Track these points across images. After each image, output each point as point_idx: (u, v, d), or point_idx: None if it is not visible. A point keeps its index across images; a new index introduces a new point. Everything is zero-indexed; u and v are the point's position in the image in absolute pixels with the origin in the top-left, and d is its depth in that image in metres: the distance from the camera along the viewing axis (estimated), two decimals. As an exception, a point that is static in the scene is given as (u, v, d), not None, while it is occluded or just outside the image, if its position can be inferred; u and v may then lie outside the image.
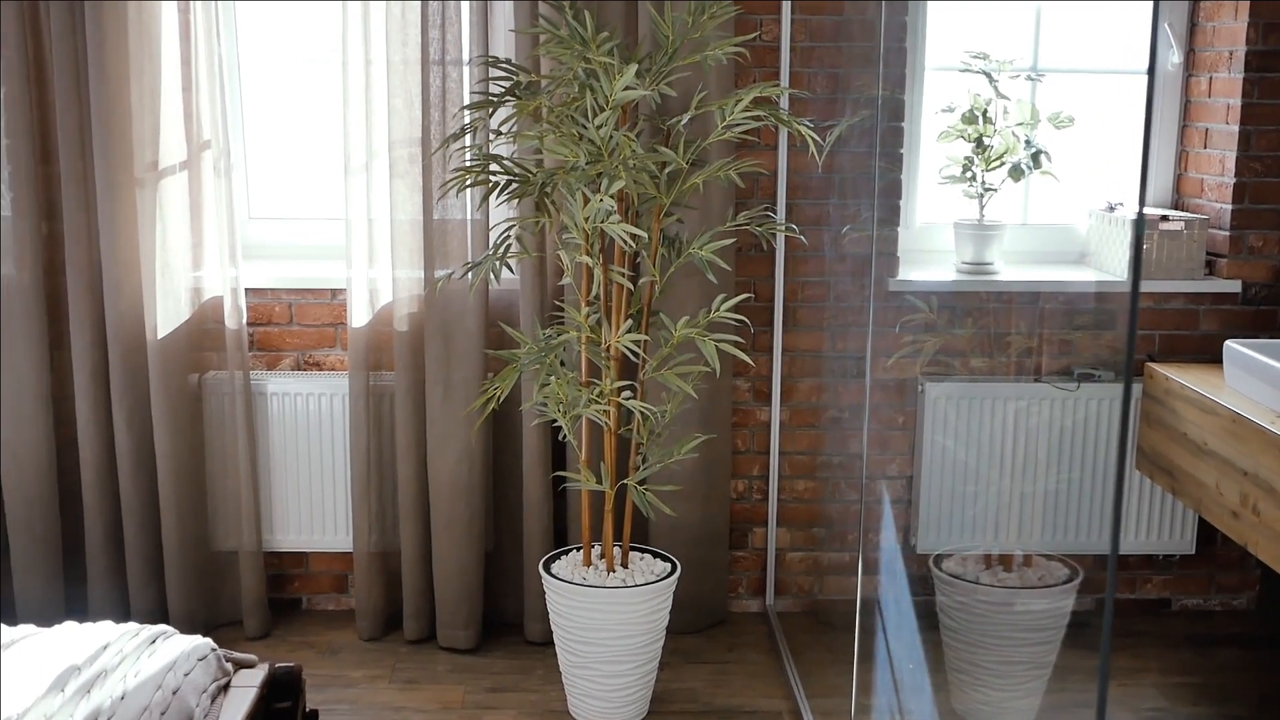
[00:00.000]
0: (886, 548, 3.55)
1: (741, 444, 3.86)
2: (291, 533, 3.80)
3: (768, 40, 3.62)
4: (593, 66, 2.99)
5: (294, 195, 3.87)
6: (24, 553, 3.65)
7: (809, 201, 3.71)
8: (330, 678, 3.53)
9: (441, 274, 3.50)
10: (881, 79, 3.01)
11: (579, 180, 2.97)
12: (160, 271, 3.53)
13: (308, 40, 3.76)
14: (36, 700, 2.23)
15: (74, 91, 3.45)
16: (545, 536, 3.65)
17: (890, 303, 3.53)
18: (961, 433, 3.67)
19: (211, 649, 2.63)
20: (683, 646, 3.69)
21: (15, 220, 3.52)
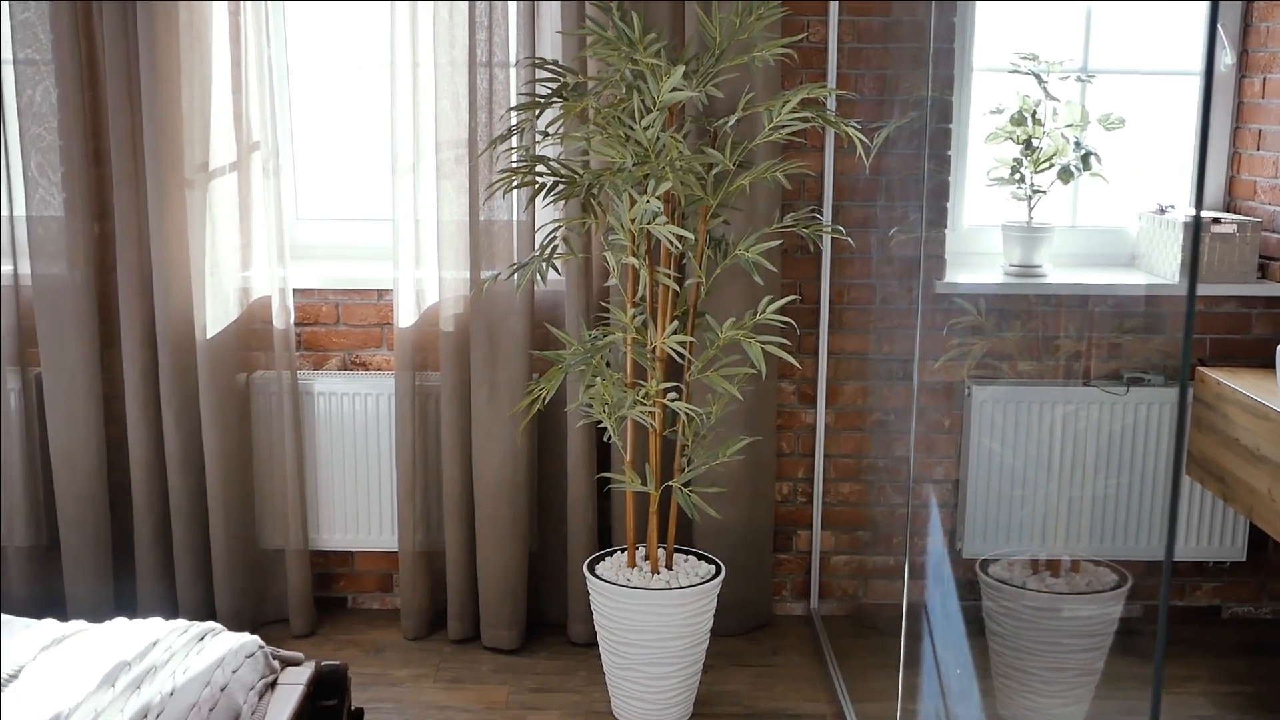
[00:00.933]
0: (932, 552, 3.52)
1: (786, 446, 3.84)
2: (337, 531, 3.83)
3: (815, 41, 3.60)
4: (640, 68, 2.99)
5: (341, 196, 3.90)
6: (75, 549, 3.69)
7: (855, 203, 3.70)
8: (375, 676, 3.55)
9: (488, 275, 3.51)
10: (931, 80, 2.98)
11: (626, 181, 2.97)
12: (209, 272, 3.56)
13: (356, 42, 3.78)
14: (87, 695, 2.25)
15: (126, 94, 3.49)
16: (589, 537, 3.65)
17: (937, 305, 3.50)
18: (1009, 436, 3.64)
19: (259, 646, 2.65)
20: (726, 649, 3.68)
21: (68, 220, 3.56)
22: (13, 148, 3.54)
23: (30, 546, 3.73)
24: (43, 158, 3.54)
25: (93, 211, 3.60)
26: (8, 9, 3.46)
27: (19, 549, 3.72)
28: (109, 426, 3.71)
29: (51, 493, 3.71)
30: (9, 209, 3.57)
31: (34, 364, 3.68)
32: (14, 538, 3.71)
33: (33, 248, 3.57)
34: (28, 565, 3.74)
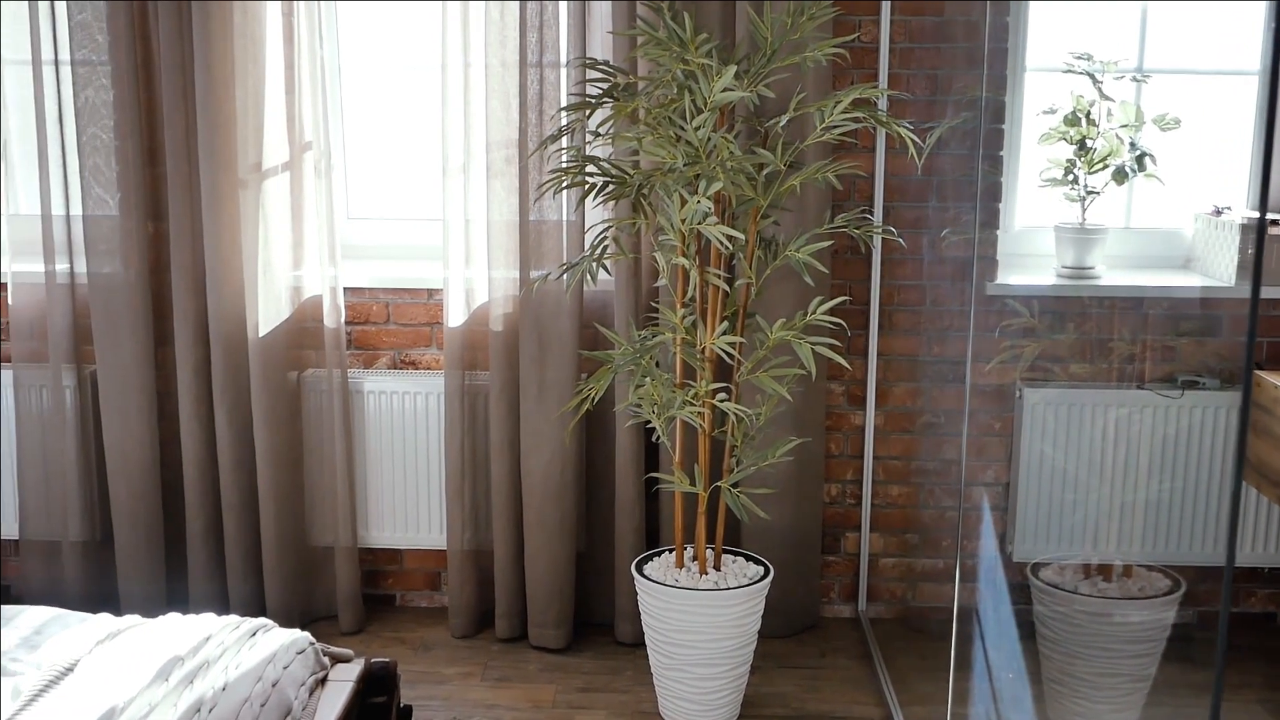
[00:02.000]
0: (983, 555, 3.50)
1: (835, 448, 3.83)
2: (386, 529, 3.85)
3: (866, 41, 3.59)
4: (691, 68, 2.99)
5: (392, 196, 3.92)
6: (128, 545, 3.73)
7: (906, 204, 3.68)
8: (423, 674, 3.56)
9: (537, 275, 3.52)
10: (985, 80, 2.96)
11: (676, 182, 2.97)
12: (262, 271, 3.59)
13: (407, 42, 3.80)
14: (141, 689, 2.27)
15: (181, 95, 3.52)
16: (637, 537, 3.65)
17: (989, 307, 3.48)
18: (1060, 439, 3.61)
19: (310, 643, 2.66)
20: (774, 650, 3.67)
21: (123, 220, 3.60)
22: (70, 147, 3.58)
23: (85, 542, 3.78)
24: (99, 158, 3.58)
25: (147, 211, 3.63)
26: (65, 9, 3.50)
27: (73, 544, 3.76)
28: (162, 424, 3.75)
29: (105, 489, 3.76)
30: (65, 208, 3.61)
31: (89, 362, 3.73)
32: (69, 533, 3.75)
33: (88, 247, 3.62)
34: (82, 560, 3.78)
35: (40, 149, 3.58)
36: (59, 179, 3.60)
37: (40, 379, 3.71)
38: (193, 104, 3.52)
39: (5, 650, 2.52)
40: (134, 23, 3.52)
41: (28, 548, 3.80)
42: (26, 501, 3.77)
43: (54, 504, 3.75)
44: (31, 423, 3.72)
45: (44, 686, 2.34)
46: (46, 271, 3.64)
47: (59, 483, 3.74)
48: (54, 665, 2.41)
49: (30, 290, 3.68)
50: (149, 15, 3.53)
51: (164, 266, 3.67)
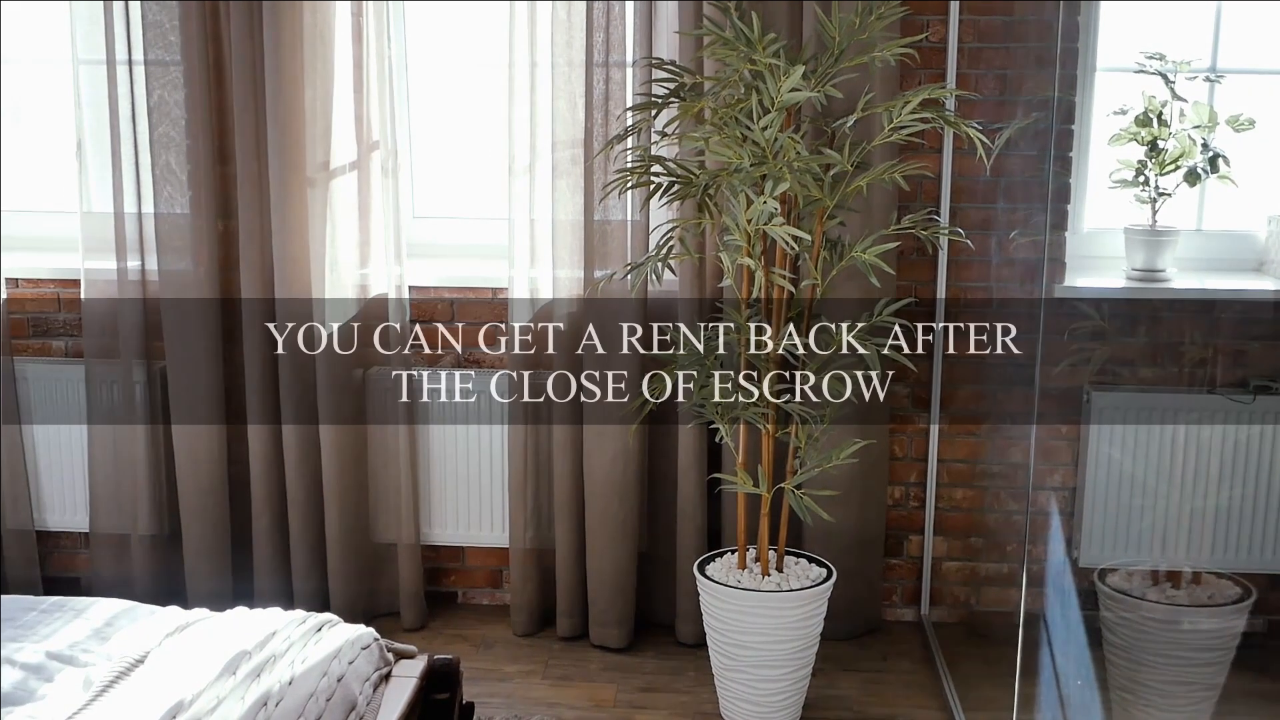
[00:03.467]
0: (1049, 560, 3.46)
1: (899, 450, 3.80)
2: (449, 527, 3.87)
3: (934, 41, 3.56)
4: (758, 68, 2.98)
5: (457, 195, 3.94)
6: (195, 539, 3.78)
7: (973, 205, 3.64)
8: (484, 671, 3.58)
9: (601, 274, 3.52)
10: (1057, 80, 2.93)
11: (743, 182, 2.96)
12: (329, 269, 3.62)
13: (474, 42, 3.82)
14: (209, 683, 2.30)
15: (251, 94, 3.56)
16: (699, 538, 3.64)
17: (1057, 309, 3.44)
18: (1129, 444, 3.56)
19: (374, 639, 2.69)
20: (835, 653, 3.65)
21: (193, 217, 3.65)
22: (142, 146, 3.63)
23: (153, 536, 3.83)
24: (170, 157, 3.63)
25: (217, 209, 3.68)
26: (140, 10, 3.55)
27: (142, 538, 3.82)
28: (229, 420, 3.79)
29: (174, 483, 3.81)
30: (138, 206, 3.66)
31: (159, 358, 3.77)
32: (138, 527, 3.81)
33: (160, 244, 3.67)
34: (150, 553, 3.84)
35: (114, 148, 3.63)
36: (131, 177, 3.65)
37: (111, 374, 3.76)
38: (263, 103, 3.56)
39: (77, 641, 2.56)
40: (206, 23, 3.56)
41: (98, 541, 3.86)
42: (97, 495, 3.83)
43: (123, 498, 3.81)
44: (102, 417, 3.78)
45: (115, 678, 2.37)
46: (119, 269, 3.69)
47: (128, 477, 3.79)
48: (124, 657, 2.45)
49: (103, 287, 3.73)
50: (221, 16, 3.57)
51: (233, 264, 3.71)
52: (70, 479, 3.91)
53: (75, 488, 3.91)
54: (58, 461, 3.90)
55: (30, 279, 3.90)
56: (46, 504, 3.93)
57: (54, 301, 3.92)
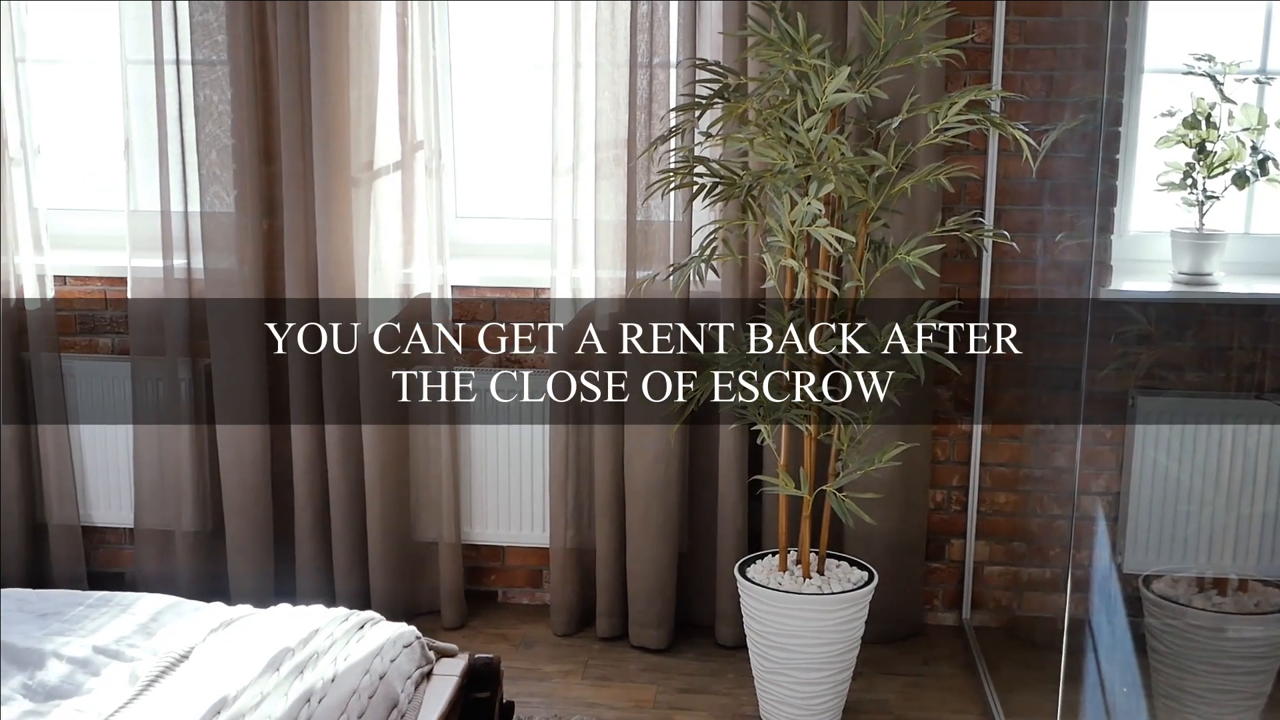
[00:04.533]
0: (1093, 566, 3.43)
1: (941, 453, 3.78)
2: (489, 526, 3.88)
3: (980, 42, 3.54)
4: (803, 69, 2.97)
5: (500, 195, 3.94)
6: (238, 535, 3.81)
7: (1018, 207, 3.62)
8: (524, 671, 3.58)
9: (644, 275, 3.52)
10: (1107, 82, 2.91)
11: (787, 183, 2.95)
12: (372, 268, 3.64)
13: (518, 42, 3.82)
14: (253, 679, 2.31)
15: (297, 94, 3.58)
16: (739, 540, 3.64)
17: (1103, 312, 3.41)
18: (1175, 449, 3.53)
19: (416, 637, 2.70)
20: (875, 656, 3.64)
21: (239, 216, 3.67)
22: (189, 145, 3.66)
23: (196, 531, 3.86)
24: (216, 156, 3.66)
25: (262, 208, 3.70)
26: (187, 10, 3.58)
27: (186, 534, 3.85)
28: (273, 417, 3.81)
29: (218, 480, 3.83)
30: (184, 204, 3.69)
31: (204, 355, 3.80)
32: (182, 523, 3.84)
33: (205, 242, 3.69)
34: (194, 549, 3.87)
35: (161, 147, 3.66)
36: (178, 176, 3.68)
37: (157, 371, 3.80)
38: (308, 103, 3.58)
39: (123, 636, 2.58)
40: (253, 24, 3.59)
41: (142, 537, 3.90)
42: (142, 491, 3.86)
43: (168, 494, 3.84)
44: (148, 414, 3.81)
45: (160, 672, 2.39)
46: (165, 266, 3.72)
47: (173, 474, 3.82)
48: (169, 652, 2.47)
49: (149, 285, 3.77)
50: (267, 16, 3.59)
51: (278, 263, 3.73)
52: (116, 475, 3.95)
53: (121, 484, 3.95)
54: (104, 457, 3.94)
55: (78, 277, 3.94)
56: (92, 499, 3.97)
57: (101, 299, 3.96)
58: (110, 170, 3.88)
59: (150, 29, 3.60)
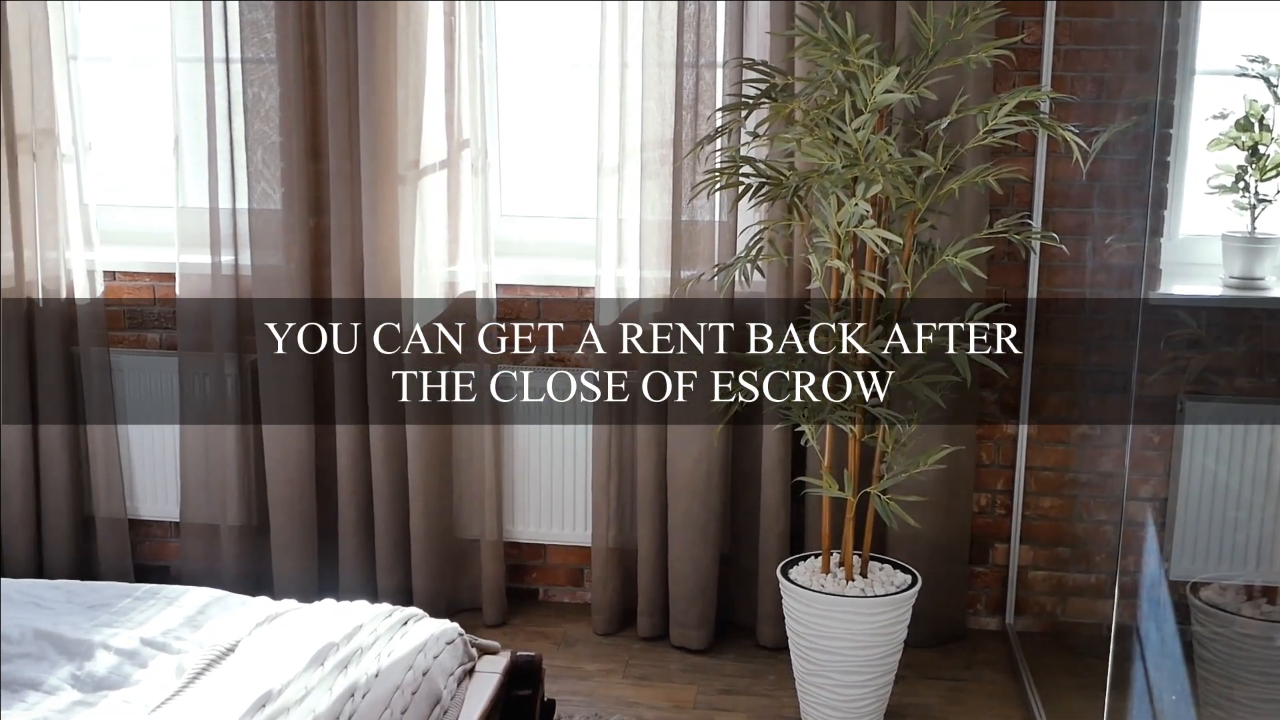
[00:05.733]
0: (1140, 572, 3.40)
1: (986, 457, 3.76)
2: (531, 524, 3.88)
3: (1029, 43, 3.51)
4: (851, 69, 2.95)
5: (545, 194, 3.95)
6: (283, 531, 3.83)
7: (1066, 209, 3.59)
8: (564, 669, 3.59)
9: (689, 275, 3.51)
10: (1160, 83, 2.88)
11: (834, 184, 2.94)
12: (418, 266, 3.65)
13: (564, 42, 3.83)
14: (298, 674, 2.33)
15: (344, 93, 3.60)
16: (781, 541, 3.62)
17: (1151, 316, 3.38)
18: (1224, 455, 3.49)
19: (459, 634, 2.71)
20: (918, 660, 3.62)
21: (285, 214, 3.70)
22: (237, 143, 3.69)
23: (241, 526, 3.89)
24: (264, 153, 3.68)
25: (309, 205, 3.72)
26: (238, 9, 3.61)
27: (231, 528, 3.88)
28: (318, 413, 3.83)
29: (263, 475, 3.86)
30: (232, 202, 3.72)
31: (250, 351, 3.83)
32: (227, 517, 3.87)
33: (253, 239, 3.72)
34: (239, 544, 3.89)
35: (210, 144, 3.69)
36: (226, 173, 3.71)
37: (204, 367, 3.83)
38: (355, 102, 3.60)
39: (170, 628, 2.60)
40: (301, 22, 3.61)
41: (188, 530, 3.93)
42: (188, 486, 3.89)
43: (213, 489, 3.87)
44: (194, 409, 3.85)
45: (206, 665, 2.42)
46: (213, 263, 3.75)
47: (219, 468, 3.85)
48: (215, 645, 2.49)
49: (197, 281, 3.80)
50: (316, 15, 3.62)
51: (324, 260, 3.75)
52: (162, 469, 3.98)
53: (167, 478, 3.98)
54: (150, 452, 3.98)
55: (127, 272, 3.98)
56: (139, 493, 4.01)
57: (149, 295, 3.99)
58: (159, 167, 3.92)
59: (200, 27, 3.63)
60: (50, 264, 3.85)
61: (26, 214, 3.83)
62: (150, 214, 4.02)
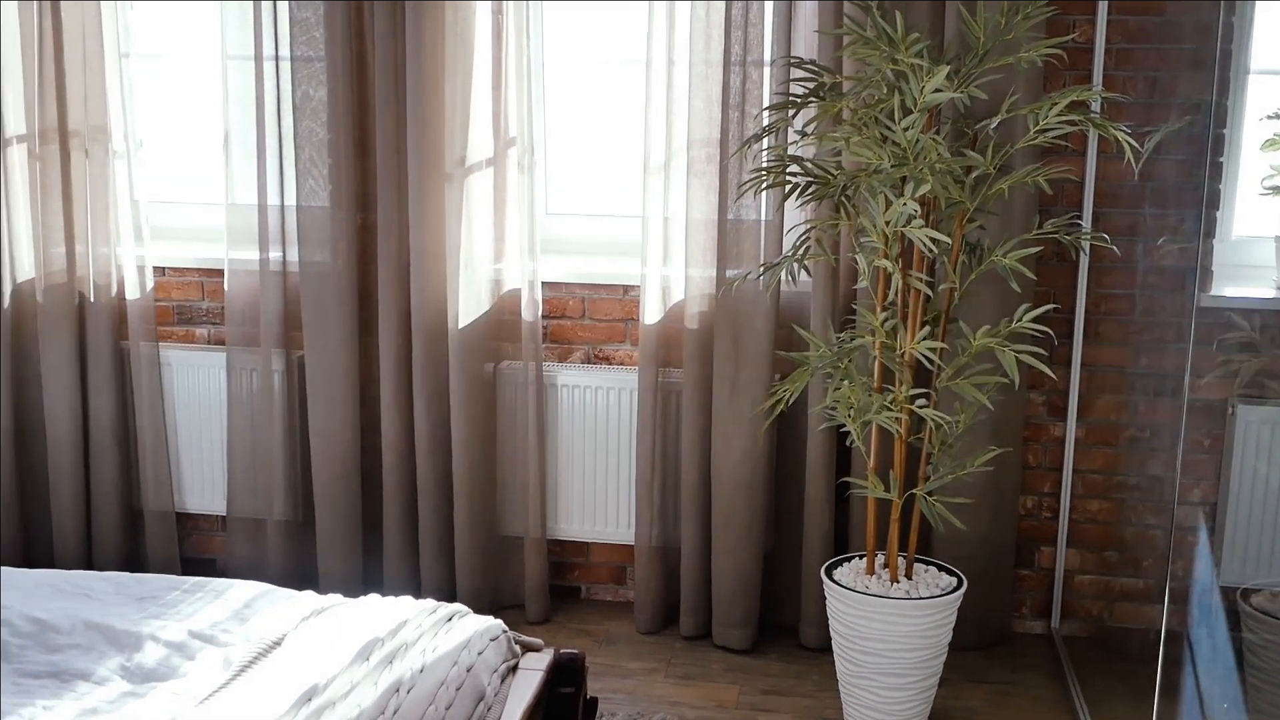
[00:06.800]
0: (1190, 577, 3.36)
1: (1033, 459, 3.73)
2: (575, 522, 3.89)
3: (1081, 42, 3.48)
4: (901, 68, 2.94)
5: (591, 192, 3.95)
6: (328, 525, 3.85)
7: (1117, 210, 3.56)
8: (607, 667, 3.59)
9: (734, 274, 3.51)
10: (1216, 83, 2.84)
11: (882, 183, 2.93)
12: (464, 264, 3.66)
13: (611, 40, 3.83)
14: (343, 668, 2.33)
15: (392, 91, 3.62)
16: (824, 541, 3.61)
17: (1202, 319, 3.33)
18: (1276, 459, 3.44)
19: (503, 630, 2.71)
20: (962, 663, 3.59)
21: (333, 211, 3.72)
22: (286, 140, 3.71)
23: (287, 520, 3.91)
24: (313, 151, 3.71)
25: (357, 203, 3.74)
26: (288, 8, 3.63)
27: (277, 522, 3.90)
28: (363, 409, 3.85)
29: (308, 470, 3.89)
30: (280, 198, 3.74)
31: (297, 347, 3.85)
32: (273, 512, 3.90)
33: (301, 236, 3.75)
34: (284, 538, 3.92)
35: (259, 141, 3.72)
36: (275, 170, 3.73)
37: (251, 363, 3.85)
38: (403, 100, 3.61)
39: (217, 621, 2.62)
40: (350, 21, 3.63)
41: (234, 524, 3.96)
42: (234, 480, 3.92)
43: (260, 483, 3.90)
44: (241, 405, 3.88)
45: (253, 658, 2.43)
46: (261, 259, 3.78)
47: (265, 463, 3.88)
48: (262, 639, 2.50)
49: (245, 277, 3.83)
50: (365, 14, 3.63)
51: (371, 257, 3.77)
52: (209, 463, 4.02)
53: (214, 472, 4.01)
54: (198, 446, 4.02)
55: (176, 268, 4.02)
56: (186, 487, 4.04)
57: (198, 290, 4.02)
58: (209, 164, 3.95)
59: (251, 25, 3.66)
60: (101, 260, 3.89)
61: (79, 210, 3.88)
62: (199, 211, 4.06)
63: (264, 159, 3.72)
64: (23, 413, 4.01)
